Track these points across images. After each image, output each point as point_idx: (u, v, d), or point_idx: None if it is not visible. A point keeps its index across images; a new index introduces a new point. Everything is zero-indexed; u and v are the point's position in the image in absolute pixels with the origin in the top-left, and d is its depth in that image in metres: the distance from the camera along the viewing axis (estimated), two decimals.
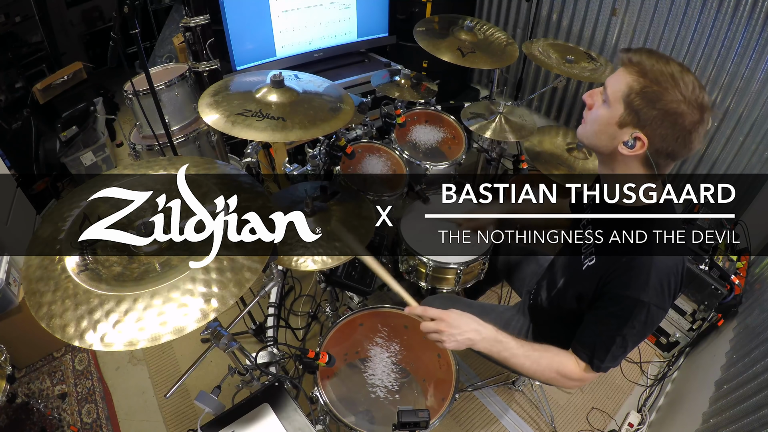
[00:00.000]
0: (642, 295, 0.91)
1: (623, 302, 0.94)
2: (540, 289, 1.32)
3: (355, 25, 2.83)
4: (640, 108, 0.86)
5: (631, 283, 0.92)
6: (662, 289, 0.91)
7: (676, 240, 0.94)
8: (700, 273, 1.86)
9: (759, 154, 2.16)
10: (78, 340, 0.69)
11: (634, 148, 0.89)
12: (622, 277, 0.94)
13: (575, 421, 1.86)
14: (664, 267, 0.91)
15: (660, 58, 0.86)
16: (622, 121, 0.89)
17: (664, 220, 0.95)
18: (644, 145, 0.88)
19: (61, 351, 2.05)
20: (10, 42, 3.04)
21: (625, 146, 0.90)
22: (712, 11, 2.12)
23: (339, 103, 1.45)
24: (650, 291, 0.90)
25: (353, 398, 1.28)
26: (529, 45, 2.33)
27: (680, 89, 0.83)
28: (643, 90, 0.85)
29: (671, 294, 0.94)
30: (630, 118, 0.88)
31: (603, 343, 0.97)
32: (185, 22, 2.08)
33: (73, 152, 2.87)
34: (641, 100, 0.85)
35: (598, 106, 0.93)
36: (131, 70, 2.08)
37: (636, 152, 0.89)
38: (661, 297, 0.92)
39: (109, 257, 0.80)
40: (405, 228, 1.79)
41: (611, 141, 0.92)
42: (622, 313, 0.94)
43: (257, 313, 2.00)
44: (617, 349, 0.97)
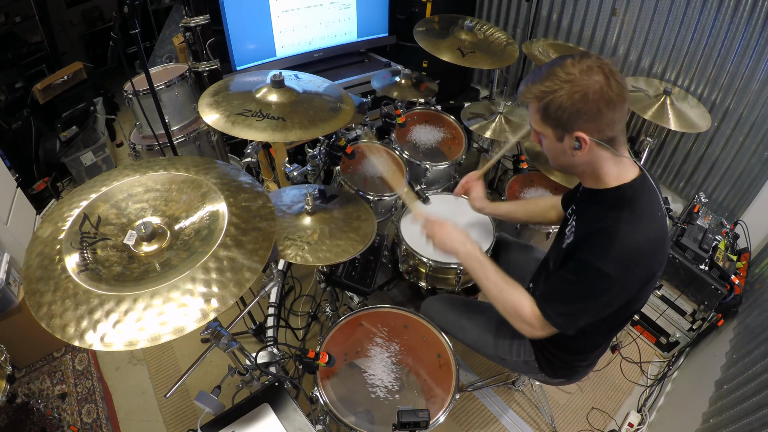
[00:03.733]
0: (602, 264, 0.94)
1: (583, 266, 0.98)
2: (538, 280, 1.35)
3: (355, 25, 2.83)
4: (556, 118, 0.95)
5: (594, 251, 0.96)
6: (624, 262, 0.93)
7: (650, 217, 0.97)
8: (700, 273, 1.86)
9: (759, 154, 2.16)
10: (78, 340, 0.69)
11: (581, 147, 0.97)
12: (588, 244, 0.99)
13: (575, 421, 1.86)
14: (627, 241, 0.93)
15: (540, 74, 0.96)
16: (558, 136, 0.99)
17: (633, 197, 0.98)
18: (585, 138, 0.95)
19: (61, 351, 2.05)
20: (10, 42, 3.05)
21: (576, 150, 0.98)
22: (712, 11, 2.12)
23: (339, 103, 1.45)
24: (608, 262, 0.93)
25: (353, 398, 1.28)
26: (529, 45, 2.33)
27: (569, 79, 0.91)
28: (546, 105, 0.95)
29: (635, 270, 0.95)
30: (558, 130, 0.98)
31: (556, 296, 1.04)
32: (185, 22, 2.08)
33: (73, 152, 2.87)
34: (551, 111, 0.95)
35: (543, 141, 1.04)
36: (131, 70, 2.07)
37: (587, 146, 0.96)
38: (621, 271, 0.94)
39: (109, 257, 0.80)
40: (405, 228, 1.79)
41: (567, 155, 1.01)
42: (580, 277, 0.99)
43: (257, 313, 2.00)
44: (567, 306, 1.02)
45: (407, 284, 2.25)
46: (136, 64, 2.49)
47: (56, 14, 3.60)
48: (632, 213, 0.96)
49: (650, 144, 2.13)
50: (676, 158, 2.53)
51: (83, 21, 3.93)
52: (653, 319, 2.11)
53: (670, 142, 2.53)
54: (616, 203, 0.99)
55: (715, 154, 2.33)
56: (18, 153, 2.61)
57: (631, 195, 0.99)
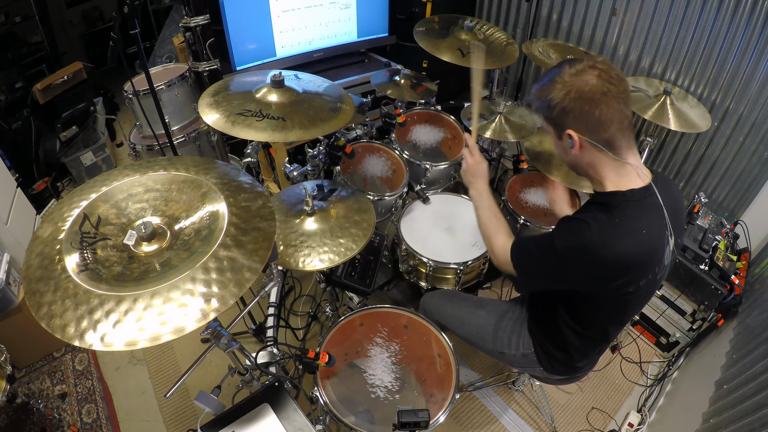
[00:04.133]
0: (558, 243, 1.02)
1: (547, 238, 1.06)
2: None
3: (355, 25, 2.83)
4: (551, 117, 1.03)
5: (561, 231, 1.05)
6: (576, 254, 0.99)
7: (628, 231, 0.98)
8: (700, 273, 1.86)
9: (759, 154, 2.16)
10: (78, 340, 0.69)
11: (574, 145, 1.02)
12: (561, 224, 1.08)
13: (575, 421, 1.86)
14: (591, 242, 0.97)
15: (542, 81, 1.03)
16: (557, 134, 1.05)
17: (621, 206, 1.00)
18: (575, 136, 1.00)
19: (61, 351, 2.05)
20: (10, 42, 3.05)
21: (572, 149, 1.03)
22: (712, 11, 2.12)
23: (339, 103, 1.45)
24: (565, 245, 1.01)
25: (353, 398, 1.28)
26: (529, 45, 2.33)
27: (559, 81, 0.98)
28: (543, 106, 1.03)
29: (583, 267, 1.00)
30: (556, 128, 1.04)
31: (522, 248, 1.14)
32: (185, 22, 2.08)
33: (73, 152, 2.87)
34: (547, 112, 1.03)
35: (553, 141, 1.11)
36: (131, 70, 2.07)
37: (579, 145, 1.01)
38: (568, 259, 1.01)
39: (109, 257, 0.80)
40: (405, 228, 1.79)
41: (567, 153, 1.06)
42: (539, 245, 1.08)
43: (257, 313, 2.00)
44: (523, 260, 1.13)
45: (407, 284, 2.25)
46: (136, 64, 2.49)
47: (56, 14, 3.60)
48: (611, 219, 0.98)
49: (650, 144, 2.13)
50: (676, 158, 2.53)
51: (83, 21, 3.93)
52: (653, 319, 2.11)
53: (670, 142, 2.53)
54: (601, 205, 1.02)
55: (715, 154, 2.33)
56: (18, 153, 2.61)
57: (619, 203, 0.99)
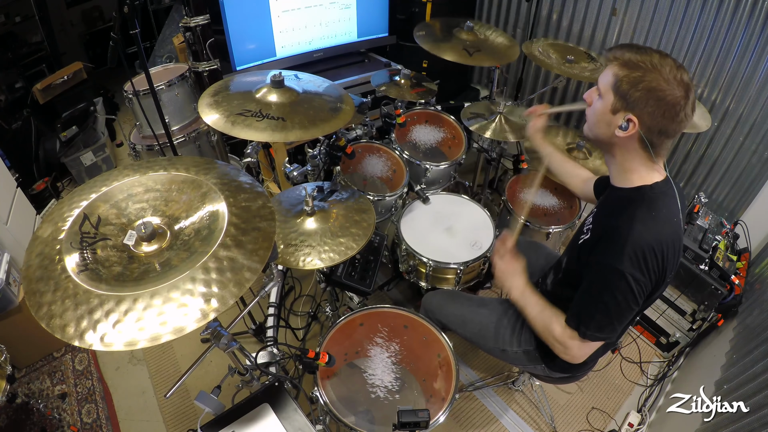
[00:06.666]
0: (617, 263, 0.97)
1: (601, 270, 1.01)
2: (548, 275, 1.37)
3: (355, 25, 2.83)
4: (626, 91, 0.96)
5: (608, 251, 1.00)
6: (637, 259, 0.96)
7: (665, 219, 1.00)
8: (700, 273, 1.86)
9: (759, 154, 2.16)
10: (78, 340, 0.69)
11: (627, 129, 0.98)
12: (601, 246, 1.03)
13: (575, 421, 1.86)
14: (640, 239, 0.96)
15: (639, 49, 0.97)
16: (614, 107, 0.99)
17: (653, 199, 1.01)
18: (636, 125, 0.97)
19: (61, 351, 2.05)
20: (10, 42, 3.05)
21: (621, 129, 0.99)
22: (712, 11, 2.12)
23: (339, 103, 1.45)
24: (625, 260, 0.96)
25: (353, 398, 1.28)
26: (529, 45, 2.33)
27: (659, 71, 0.93)
28: (627, 76, 0.96)
29: (650, 267, 0.98)
30: (620, 103, 0.98)
31: (587, 310, 1.05)
32: (185, 22, 2.08)
33: (73, 152, 2.87)
34: (626, 84, 0.96)
35: (595, 101, 1.04)
36: (131, 70, 2.08)
37: (630, 133, 0.99)
38: (636, 267, 0.97)
39: (109, 257, 0.80)
40: (405, 228, 1.79)
41: (608, 128, 1.02)
42: (601, 280, 1.02)
43: (257, 313, 2.00)
44: (601, 317, 1.03)
45: (407, 284, 2.25)
46: (136, 64, 2.50)
47: (56, 14, 3.60)
48: (648, 212, 0.99)
49: None
50: (676, 158, 2.53)
51: (83, 21, 3.93)
52: (653, 319, 2.11)
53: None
54: (634, 201, 1.02)
55: (715, 154, 2.33)
56: (18, 153, 2.61)
57: (651, 196, 1.02)
